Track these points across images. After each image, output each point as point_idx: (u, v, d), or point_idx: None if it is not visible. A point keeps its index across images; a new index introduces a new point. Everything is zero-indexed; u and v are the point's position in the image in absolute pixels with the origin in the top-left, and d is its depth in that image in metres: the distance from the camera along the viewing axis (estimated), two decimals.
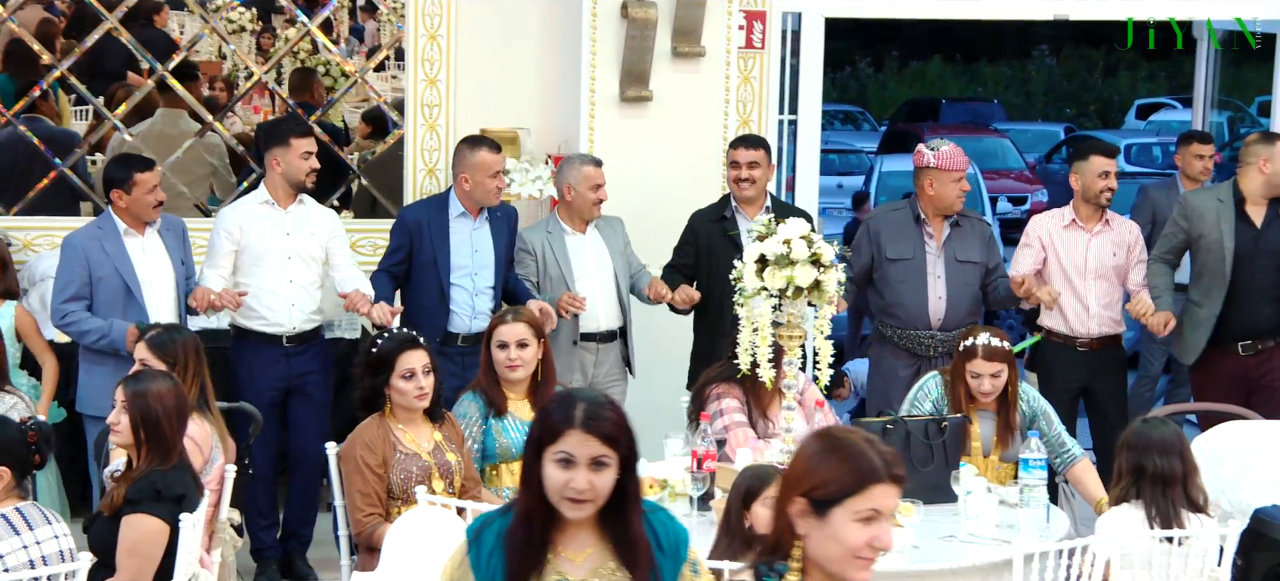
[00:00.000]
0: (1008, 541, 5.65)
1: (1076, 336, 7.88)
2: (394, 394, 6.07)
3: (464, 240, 7.59)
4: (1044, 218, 8.10)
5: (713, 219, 7.93)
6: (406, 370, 6.05)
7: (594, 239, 7.81)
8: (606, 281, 7.79)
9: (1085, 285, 7.86)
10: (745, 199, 7.84)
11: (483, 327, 7.37)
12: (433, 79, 8.69)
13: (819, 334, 5.96)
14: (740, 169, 7.81)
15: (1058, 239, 7.92)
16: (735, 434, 6.42)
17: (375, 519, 5.95)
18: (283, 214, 7.39)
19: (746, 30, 8.67)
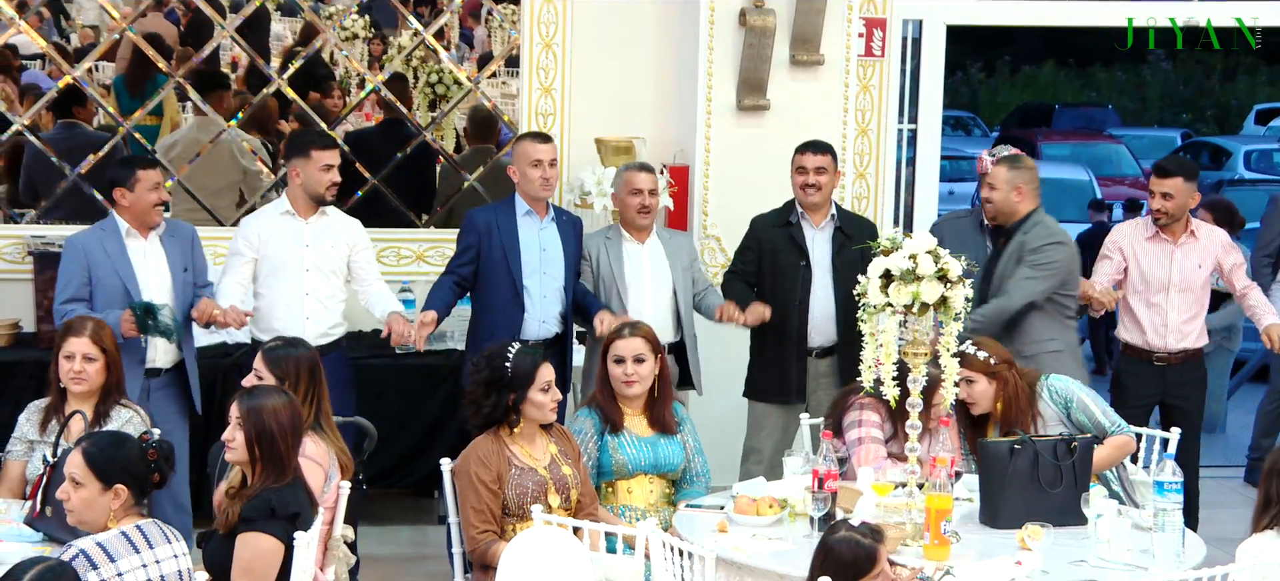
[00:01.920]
0: (1143, 568, 5.48)
1: (1154, 350, 7.67)
2: (530, 408, 6.00)
3: (532, 239, 7.51)
4: (1128, 227, 7.93)
5: (777, 224, 7.76)
6: (545, 383, 6.01)
7: (654, 250, 7.65)
8: (662, 294, 7.62)
9: (1167, 298, 7.66)
10: (811, 205, 7.68)
11: (553, 331, 7.35)
12: (547, 87, 8.63)
13: (945, 350, 5.79)
14: (807, 175, 7.64)
15: (1140, 250, 7.74)
16: (865, 448, 6.27)
17: (489, 536, 5.87)
18: (303, 224, 7.31)
19: (866, 38, 8.56)
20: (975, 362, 6.45)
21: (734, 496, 6.13)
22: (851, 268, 7.52)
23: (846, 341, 7.57)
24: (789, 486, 6.19)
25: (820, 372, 7.69)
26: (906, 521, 5.76)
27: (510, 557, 5.30)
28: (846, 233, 7.67)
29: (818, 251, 7.66)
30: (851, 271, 7.44)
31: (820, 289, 7.65)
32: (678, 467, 6.47)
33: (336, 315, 7.39)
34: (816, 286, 7.64)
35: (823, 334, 7.66)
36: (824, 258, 7.66)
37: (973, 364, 6.44)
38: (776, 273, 7.67)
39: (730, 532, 5.82)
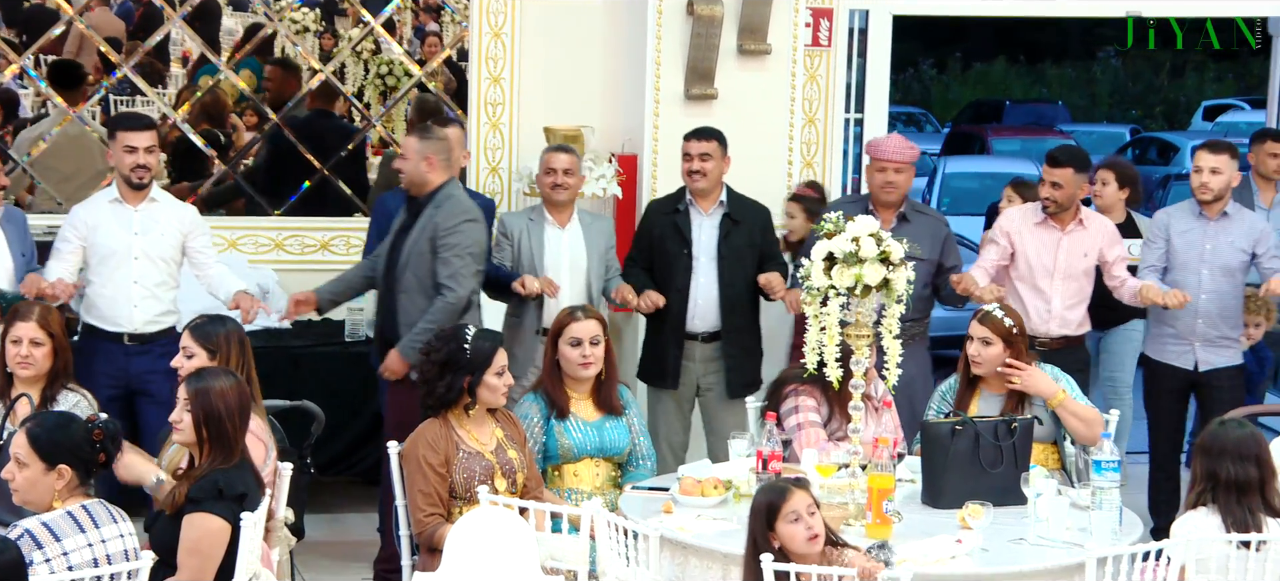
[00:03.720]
0: (1080, 545, 5.55)
1: (1036, 336, 7.71)
2: (485, 391, 6.05)
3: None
4: (1016, 212, 7.98)
5: (665, 211, 7.84)
6: (500, 368, 6.06)
7: (574, 233, 7.72)
8: (578, 277, 7.71)
9: (1052, 284, 7.73)
10: (698, 191, 7.73)
11: None
12: (496, 77, 8.65)
13: (887, 332, 5.85)
14: (692, 161, 7.70)
15: (1027, 236, 7.80)
16: (805, 433, 6.35)
17: (436, 519, 5.91)
18: (131, 211, 7.27)
19: (813, 28, 8.60)
20: (999, 326, 6.53)
21: (679, 478, 6.19)
22: (737, 254, 7.65)
23: (730, 327, 7.70)
24: (733, 468, 6.24)
25: (703, 357, 7.75)
26: (849, 502, 5.83)
27: (456, 538, 5.32)
28: (735, 218, 7.73)
29: (702, 238, 7.72)
30: (737, 258, 7.60)
31: (703, 275, 7.71)
32: (623, 450, 6.52)
33: (167, 303, 7.34)
34: (699, 272, 7.70)
35: (705, 320, 7.72)
36: (709, 244, 7.71)
37: (996, 327, 6.52)
38: (662, 258, 7.75)
39: (675, 513, 5.87)
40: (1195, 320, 7.81)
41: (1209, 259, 7.79)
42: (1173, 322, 7.85)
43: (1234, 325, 7.90)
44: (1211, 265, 7.80)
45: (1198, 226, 7.85)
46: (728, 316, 7.70)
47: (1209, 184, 7.79)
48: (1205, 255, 7.80)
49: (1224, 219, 7.85)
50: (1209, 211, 7.84)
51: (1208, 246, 7.80)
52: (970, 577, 5.43)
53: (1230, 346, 7.91)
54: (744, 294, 7.70)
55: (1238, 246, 7.82)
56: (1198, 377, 7.86)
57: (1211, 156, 7.86)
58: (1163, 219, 7.98)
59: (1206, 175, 7.80)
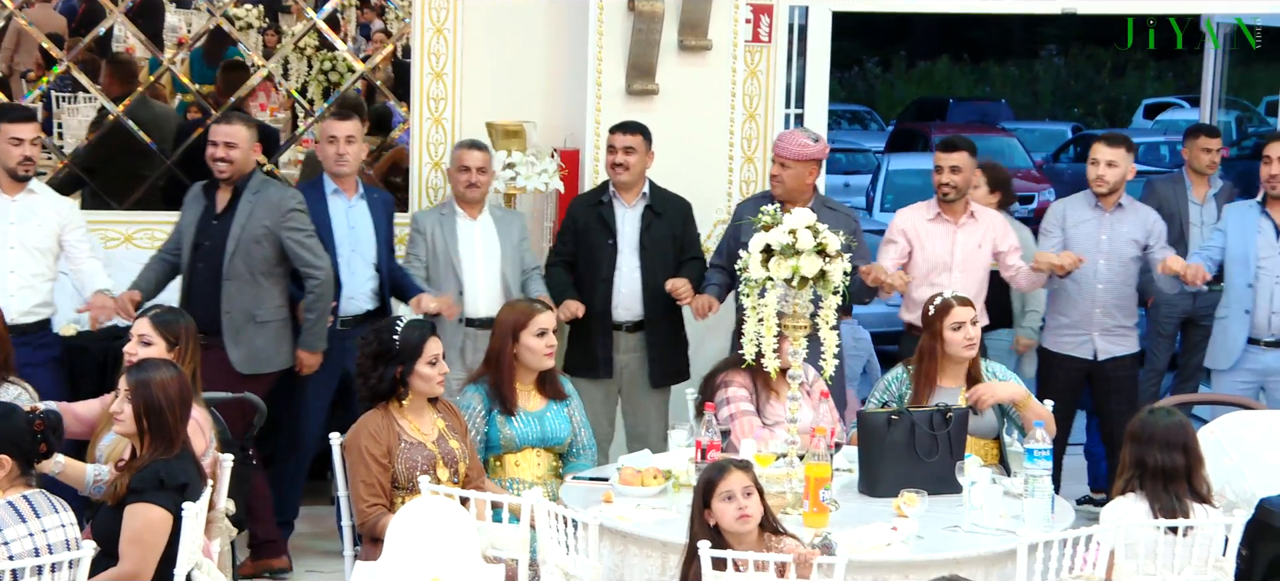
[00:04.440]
0: (1012, 531, 5.64)
1: None
2: (418, 381, 6.08)
3: (341, 217, 7.63)
4: (909, 211, 8.07)
5: (590, 203, 7.94)
6: (432, 357, 6.10)
7: (486, 226, 7.82)
8: (492, 270, 7.79)
9: (949, 278, 7.81)
10: (621, 184, 7.83)
11: (365, 308, 7.56)
12: (439, 72, 8.68)
13: (824, 324, 5.93)
14: (616, 154, 7.80)
15: (923, 232, 7.89)
16: (740, 423, 6.42)
17: (379, 509, 5.95)
18: (8, 201, 7.31)
19: (753, 24, 8.66)
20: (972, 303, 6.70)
21: (619, 468, 6.25)
22: (659, 245, 7.75)
23: (653, 317, 7.79)
24: (673, 458, 6.31)
25: (629, 347, 7.84)
26: (786, 491, 5.91)
27: (397, 527, 5.35)
28: (657, 211, 7.82)
29: (626, 229, 7.82)
30: (659, 249, 7.72)
31: (627, 266, 7.81)
32: (564, 441, 6.58)
33: (43, 294, 7.37)
34: (623, 264, 7.80)
35: (629, 310, 7.82)
36: (632, 236, 7.81)
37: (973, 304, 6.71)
38: (587, 250, 7.84)
39: (615, 503, 5.94)
40: (1093, 310, 7.95)
41: (1105, 250, 7.92)
42: (1070, 312, 7.98)
43: (1129, 314, 8.05)
44: (1108, 256, 7.93)
45: (1094, 218, 7.98)
46: (651, 306, 7.80)
47: (1105, 177, 7.93)
48: (1101, 246, 7.92)
49: (1119, 211, 7.99)
50: (1105, 203, 7.98)
51: (1104, 238, 7.93)
52: (905, 564, 5.50)
53: (1127, 335, 8.05)
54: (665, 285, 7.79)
55: (1132, 238, 7.96)
56: (1095, 367, 7.98)
57: (1108, 150, 7.99)
58: (1059, 210, 8.11)
59: (1103, 168, 7.93)
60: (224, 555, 5.93)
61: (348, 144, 7.60)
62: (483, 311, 7.73)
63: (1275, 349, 7.83)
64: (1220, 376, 7.99)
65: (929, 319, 6.71)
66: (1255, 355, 7.84)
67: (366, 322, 7.46)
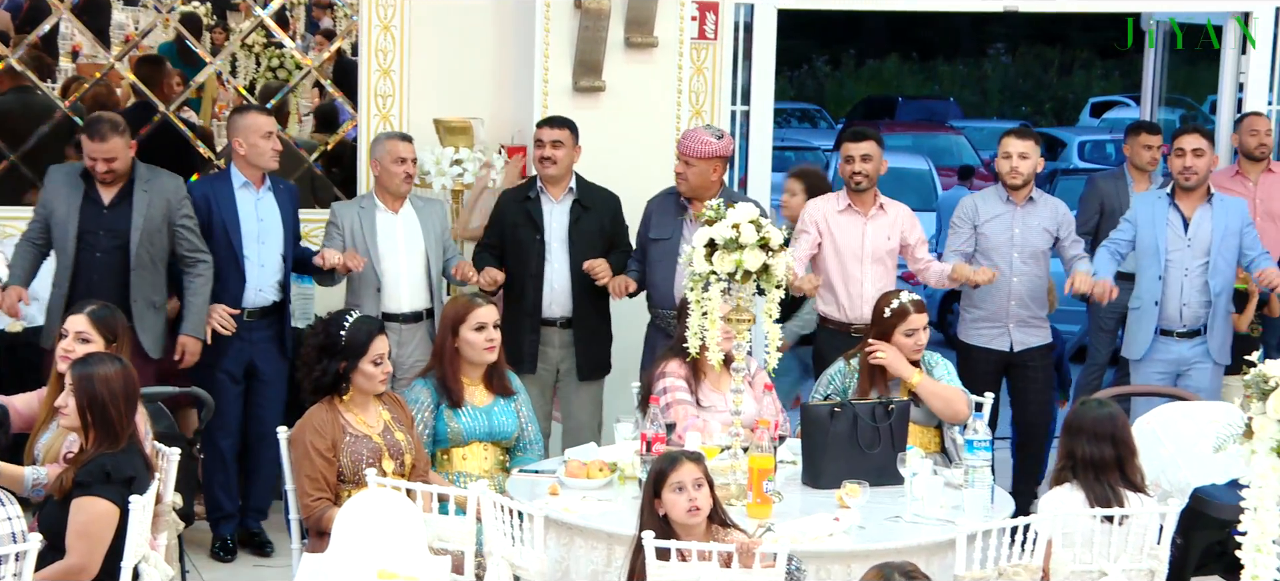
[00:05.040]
0: (952, 521, 5.72)
1: (851, 322, 7.88)
2: (360, 378, 6.11)
3: (249, 210, 7.68)
4: (819, 202, 8.13)
5: (518, 198, 7.98)
6: (377, 355, 6.12)
7: (407, 218, 7.84)
8: (413, 262, 7.82)
9: (861, 269, 7.91)
10: (549, 178, 7.88)
11: (271, 300, 7.61)
12: (386, 69, 8.71)
13: (767, 317, 6.01)
14: (544, 148, 7.84)
15: (833, 223, 7.96)
16: (675, 411, 6.48)
17: (323, 503, 5.99)
18: None
19: (699, 21, 8.72)
20: (924, 305, 6.79)
21: (565, 461, 6.31)
22: (587, 239, 7.81)
23: (581, 312, 7.86)
24: (619, 451, 6.38)
25: (560, 343, 7.90)
26: (730, 482, 5.97)
27: (343, 519, 5.39)
28: (585, 205, 7.89)
29: (554, 224, 7.86)
30: (587, 243, 7.76)
31: (555, 261, 7.86)
32: (511, 435, 6.62)
33: None
34: (552, 258, 7.85)
35: (559, 305, 7.86)
36: (560, 230, 7.86)
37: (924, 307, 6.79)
38: (515, 245, 7.88)
39: (561, 495, 5.99)
40: (1008, 302, 8.04)
41: (1018, 243, 8.01)
42: (985, 305, 8.08)
43: (1042, 306, 8.15)
44: (1021, 249, 8.02)
45: (1006, 212, 8.07)
46: (579, 301, 7.86)
47: (1019, 168, 8.02)
48: (1015, 239, 8.01)
49: (1030, 204, 8.09)
50: (1016, 197, 8.07)
51: (1016, 231, 8.02)
52: (847, 554, 5.57)
53: (1040, 326, 8.15)
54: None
55: (1044, 230, 8.05)
56: (1012, 358, 8.07)
57: (1019, 142, 8.09)
58: (970, 205, 8.19)
59: (1016, 160, 8.02)
60: (171, 548, 5.95)
61: (266, 139, 7.64)
62: (404, 306, 7.76)
63: (1188, 339, 7.95)
64: (1136, 367, 8.11)
65: (883, 321, 6.77)
66: (1168, 345, 7.97)
67: (272, 315, 7.64)
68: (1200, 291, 7.92)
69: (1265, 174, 9.00)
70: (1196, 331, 7.96)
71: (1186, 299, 7.92)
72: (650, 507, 5.33)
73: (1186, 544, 6.09)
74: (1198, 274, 7.91)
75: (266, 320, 7.68)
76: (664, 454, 5.52)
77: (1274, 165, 9.07)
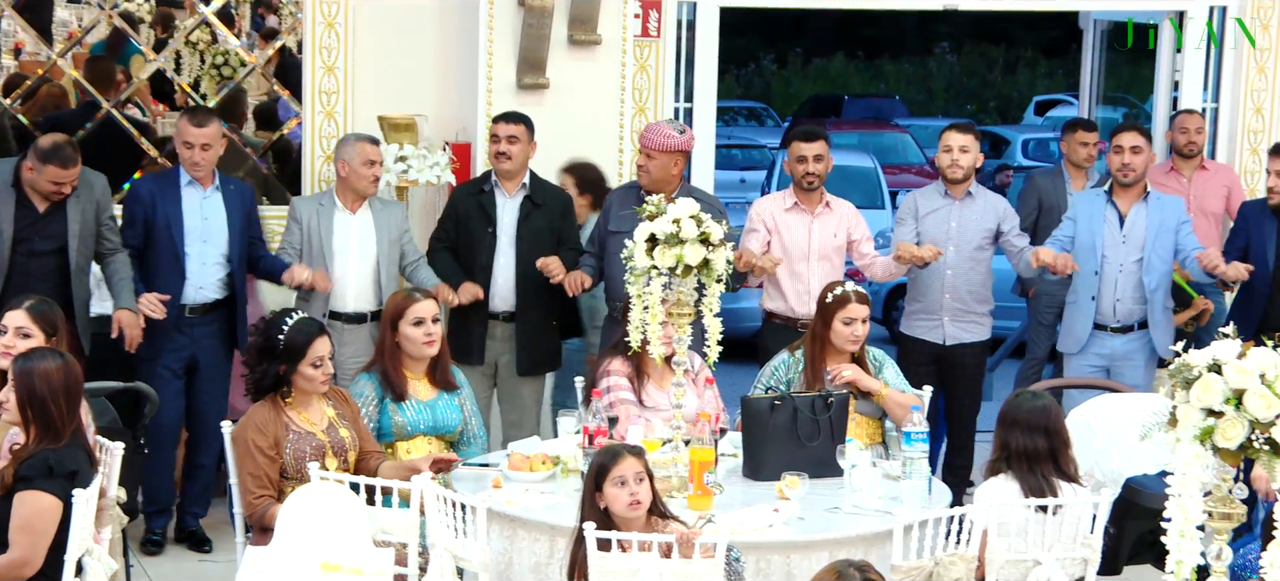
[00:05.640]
0: (889, 512, 5.80)
1: (798, 317, 7.98)
2: (300, 380, 6.14)
3: (194, 208, 7.71)
4: (767, 201, 8.25)
5: (471, 192, 8.05)
6: (317, 358, 6.14)
7: (364, 219, 7.89)
8: (364, 264, 7.87)
9: (808, 266, 8.01)
10: (503, 173, 7.94)
11: (213, 297, 7.65)
12: (331, 66, 8.74)
13: (708, 311, 6.07)
14: (499, 143, 7.90)
15: (780, 221, 8.05)
16: (619, 409, 6.55)
17: (266, 500, 6.01)
18: None
19: (642, 19, 8.79)
20: (867, 298, 6.88)
21: (508, 454, 6.36)
22: (536, 236, 7.86)
23: (525, 307, 7.92)
24: (562, 444, 6.44)
25: (504, 336, 7.97)
26: (672, 474, 6.04)
27: (287, 512, 5.43)
28: (536, 202, 7.95)
29: (505, 219, 7.93)
30: (536, 239, 7.81)
31: (504, 255, 7.93)
32: (455, 429, 6.68)
33: None
34: (501, 253, 7.92)
35: (505, 299, 7.93)
36: (510, 225, 7.92)
37: (867, 300, 6.88)
38: (467, 238, 7.95)
39: (504, 488, 6.05)
40: (943, 296, 8.16)
41: (956, 237, 8.13)
42: (922, 298, 8.20)
43: (981, 301, 8.25)
44: (958, 243, 8.13)
45: (944, 206, 8.19)
46: (524, 296, 7.92)
47: (959, 162, 8.14)
48: (952, 233, 8.13)
49: (969, 198, 8.21)
50: (955, 192, 8.18)
51: (954, 225, 8.14)
52: (786, 545, 5.65)
53: (978, 321, 8.26)
54: (541, 274, 7.87)
55: (983, 224, 8.17)
56: (945, 351, 8.18)
57: (959, 136, 8.22)
58: (911, 200, 8.32)
59: (956, 154, 8.14)
60: (115, 542, 5.96)
61: (203, 150, 7.66)
62: (350, 306, 7.80)
63: (1121, 334, 8.08)
64: (1070, 360, 8.24)
65: (824, 306, 6.86)
66: (1102, 340, 8.09)
67: (215, 311, 7.69)
68: (1134, 288, 8.04)
69: (1199, 171, 9.15)
70: (1130, 327, 8.08)
71: (1120, 294, 8.04)
72: (592, 500, 5.39)
73: (1119, 533, 6.20)
74: (1132, 270, 8.03)
75: (210, 317, 7.71)
76: (605, 447, 5.58)
77: (1208, 162, 9.23)
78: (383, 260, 7.86)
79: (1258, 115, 9.31)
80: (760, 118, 29.89)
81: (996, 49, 33.32)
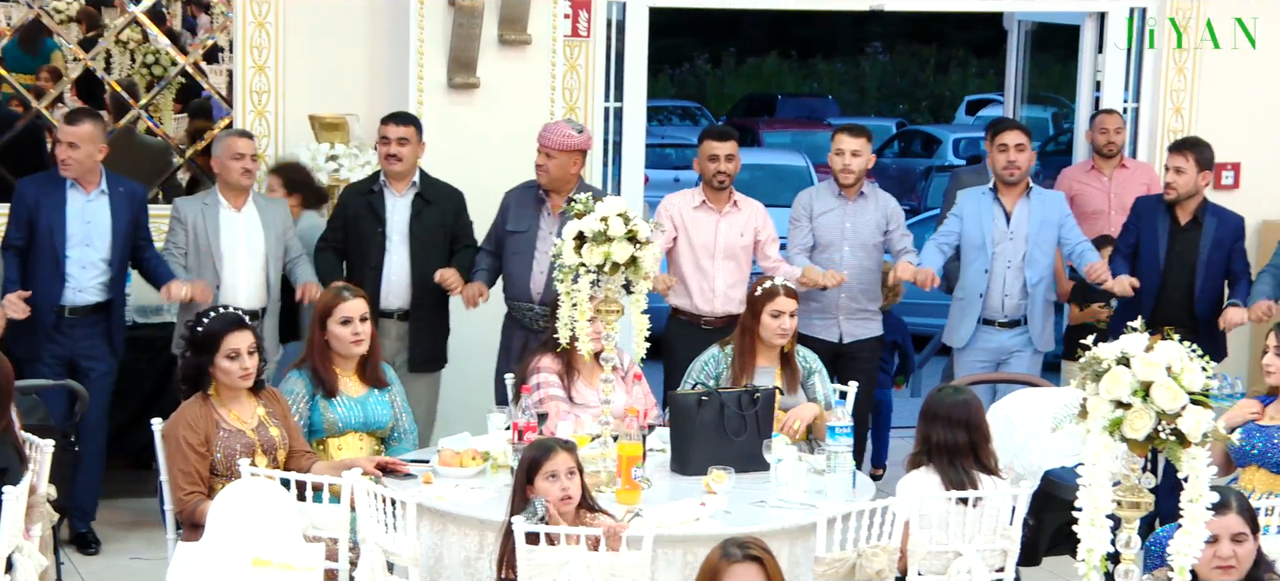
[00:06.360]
0: (814, 505, 5.90)
1: (702, 315, 8.12)
2: (218, 373, 6.17)
3: (77, 212, 7.73)
4: (675, 198, 8.33)
5: (361, 192, 8.09)
6: (231, 350, 6.15)
7: (250, 216, 7.93)
8: (253, 261, 7.91)
9: (714, 264, 8.12)
10: (394, 174, 7.99)
11: (92, 301, 7.68)
12: (261, 66, 8.76)
13: (636, 308, 6.16)
14: (390, 145, 7.94)
15: (688, 219, 8.15)
16: (550, 406, 6.63)
17: (196, 497, 6.04)
18: None
19: (572, 19, 8.86)
20: (796, 295, 6.98)
21: (439, 450, 6.43)
22: (428, 234, 7.92)
23: (418, 305, 7.97)
24: (492, 440, 6.51)
25: (398, 335, 8.02)
26: (600, 469, 6.12)
27: (218, 508, 5.45)
28: (427, 199, 8.01)
29: (396, 218, 7.98)
30: (430, 238, 7.87)
31: (396, 254, 7.97)
32: (386, 425, 6.73)
33: None
34: (392, 252, 7.97)
35: (397, 297, 7.97)
36: (401, 224, 7.97)
37: (796, 296, 6.98)
38: (357, 238, 7.99)
39: (434, 483, 6.11)
40: (839, 294, 8.26)
41: (850, 237, 8.25)
42: (819, 297, 8.30)
43: (873, 298, 8.40)
44: (852, 242, 8.25)
45: (838, 206, 8.29)
46: (418, 294, 7.97)
47: (851, 166, 8.23)
48: (846, 233, 8.24)
49: (861, 199, 8.33)
50: (848, 192, 8.29)
51: (848, 225, 8.25)
52: (712, 538, 5.63)
53: (871, 318, 8.40)
54: (434, 273, 7.94)
55: (874, 224, 8.29)
56: (842, 349, 8.30)
57: (852, 140, 8.30)
58: (806, 200, 8.40)
59: (848, 158, 8.23)
60: (45, 540, 5.99)
61: (71, 149, 7.67)
62: (242, 303, 7.75)
63: (1008, 329, 8.24)
64: (958, 355, 8.39)
65: (753, 300, 6.96)
66: (990, 335, 8.25)
67: (95, 314, 7.72)
68: (1020, 282, 8.20)
69: (1119, 169, 9.33)
70: (1017, 321, 8.25)
71: (1008, 290, 8.21)
72: (522, 494, 5.47)
73: (1038, 525, 6.34)
74: (1018, 266, 8.19)
75: (90, 319, 7.72)
76: (536, 442, 5.66)
77: (1128, 161, 9.41)
78: (271, 256, 7.90)
79: (1177, 114, 9.51)
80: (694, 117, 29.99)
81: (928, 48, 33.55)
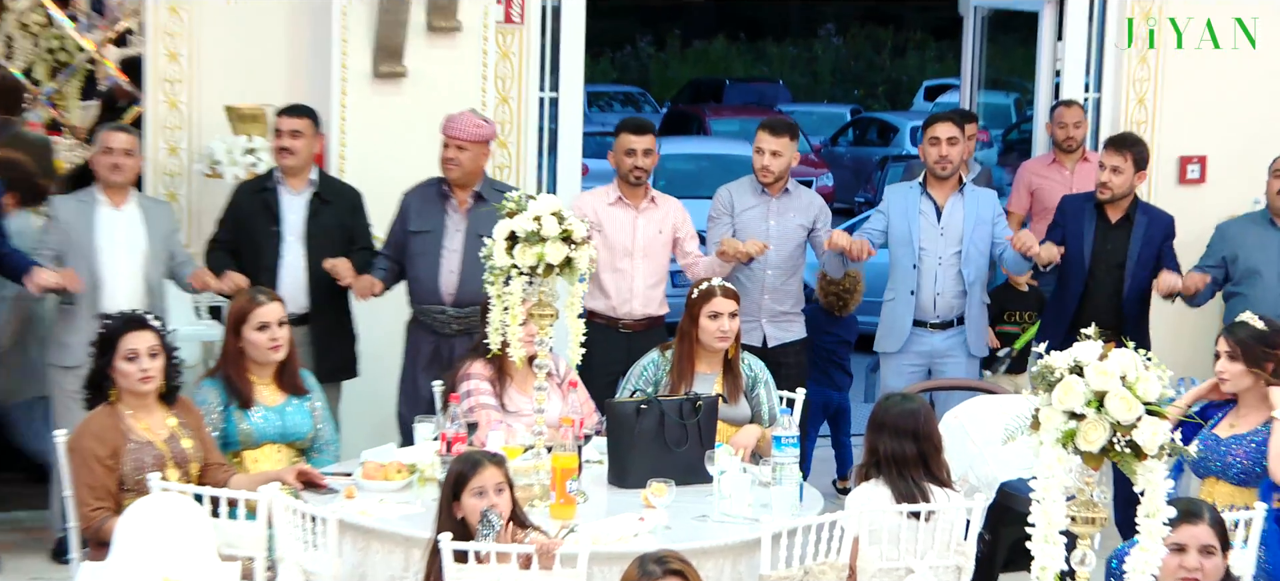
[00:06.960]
0: (758, 520, 5.89)
1: (619, 318, 8.14)
2: (118, 376, 6.13)
3: None
4: (589, 195, 8.35)
5: (254, 190, 8.06)
6: (129, 351, 6.11)
7: (131, 215, 7.88)
8: (133, 263, 7.86)
9: (632, 263, 8.15)
10: (288, 168, 7.96)
11: None
12: (174, 53, 8.71)
13: (570, 312, 6.16)
14: (282, 138, 7.91)
15: (603, 216, 8.15)
16: (479, 414, 6.63)
17: (103, 512, 5.99)
18: None
19: (505, 5, 8.85)
20: (737, 295, 7.00)
21: (362, 462, 6.41)
22: (326, 234, 7.89)
23: (319, 307, 7.94)
24: (419, 452, 6.50)
25: (298, 341, 7.94)
26: (534, 483, 6.12)
27: (126, 525, 5.39)
28: (325, 198, 7.99)
29: (291, 217, 7.95)
30: (325, 237, 7.84)
31: (291, 255, 7.95)
32: (305, 435, 6.70)
33: None
34: (288, 252, 7.94)
35: (293, 300, 7.80)
36: (297, 224, 7.95)
37: (736, 297, 6.99)
38: (250, 238, 7.95)
39: (357, 498, 6.09)
40: (762, 297, 8.26)
41: (774, 235, 8.23)
42: (742, 301, 8.31)
43: (796, 301, 8.40)
44: (775, 242, 8.23)
45: (760, 204, 8.30)
46: (316, 297, 7.93)
47: (770, 167, 8.22)
48: (769, 232, 8.23)
49: (785, 196, 8.34)
50: (772, 190, 8.31)
51: (771, 223, 8.26)
52: None
53: (794, 321, 8.40)
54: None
55: (798, 222, 8.31)
56: (767, 353, 8.21)
57: (773, 139, 8.26)
58: (726, 196, 8.37)
59: (768, 158, 8.22)
60: None
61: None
62: (121, 305, 7.70)
63: (941, 330, 8.25)
64: (889, 359, 8.36)
65: (690, 302, 6.97)
66: (922, 336, 8.26)
67: None
68: (954, 281, 8.21)
69: (1081, 162, 9.41)
70: (950, 322, 8.27)
71: (940, 288, 8.21)
72: (448, 510, 5.47)
73: (994, 539, 6.38)
74: (951, 263, 8.21)
75: None
76: (463, 456, 5.65)
77: (1089, 154, 9.49)
78: (152, 258, 7.84)
79: (1140, 106, 9.58)
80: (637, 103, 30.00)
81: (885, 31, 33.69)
